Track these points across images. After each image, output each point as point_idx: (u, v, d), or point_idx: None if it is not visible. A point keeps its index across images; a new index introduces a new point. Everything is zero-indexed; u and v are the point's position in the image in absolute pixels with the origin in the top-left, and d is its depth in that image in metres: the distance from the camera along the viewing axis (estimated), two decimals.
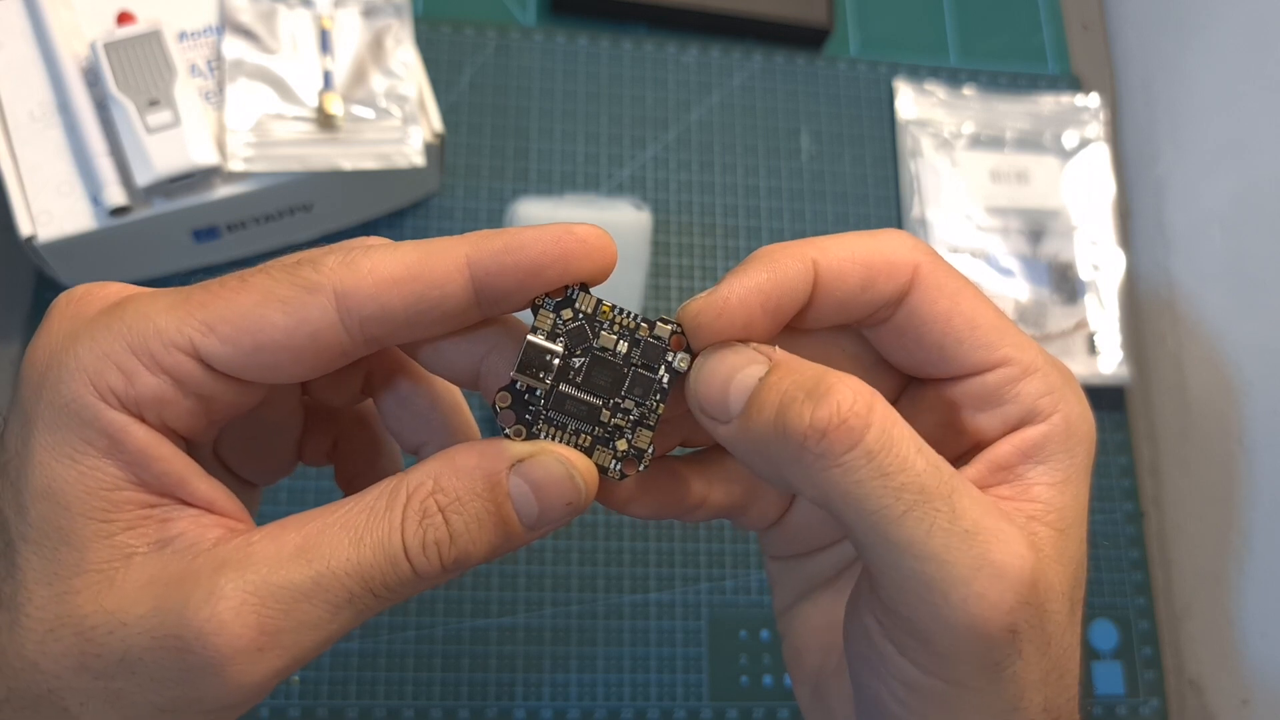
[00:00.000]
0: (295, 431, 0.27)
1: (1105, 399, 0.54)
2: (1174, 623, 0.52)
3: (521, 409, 0.22)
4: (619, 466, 0.23)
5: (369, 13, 0.47)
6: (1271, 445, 0.48)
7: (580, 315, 0.22)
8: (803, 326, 0.23)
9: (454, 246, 0.21)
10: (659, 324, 0.22)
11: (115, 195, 0.42)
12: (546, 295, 0.22)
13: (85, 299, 0.21)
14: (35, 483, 0.20)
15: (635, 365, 0.22)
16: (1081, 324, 0.54)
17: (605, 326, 0.22)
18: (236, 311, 0.20)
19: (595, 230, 0.21)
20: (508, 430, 0.22)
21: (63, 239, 0.42)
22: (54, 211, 0.42)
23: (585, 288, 0.22)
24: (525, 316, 0.23)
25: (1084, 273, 0.55)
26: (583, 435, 0.22)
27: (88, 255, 0.44)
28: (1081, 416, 0.23)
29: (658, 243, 0.53)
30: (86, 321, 0.20)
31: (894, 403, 0.26)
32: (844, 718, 0.25)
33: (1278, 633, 0.47)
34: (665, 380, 0.22)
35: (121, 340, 0.20)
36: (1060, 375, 0.23)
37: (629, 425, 0.22)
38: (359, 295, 0.20)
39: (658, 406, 0.22)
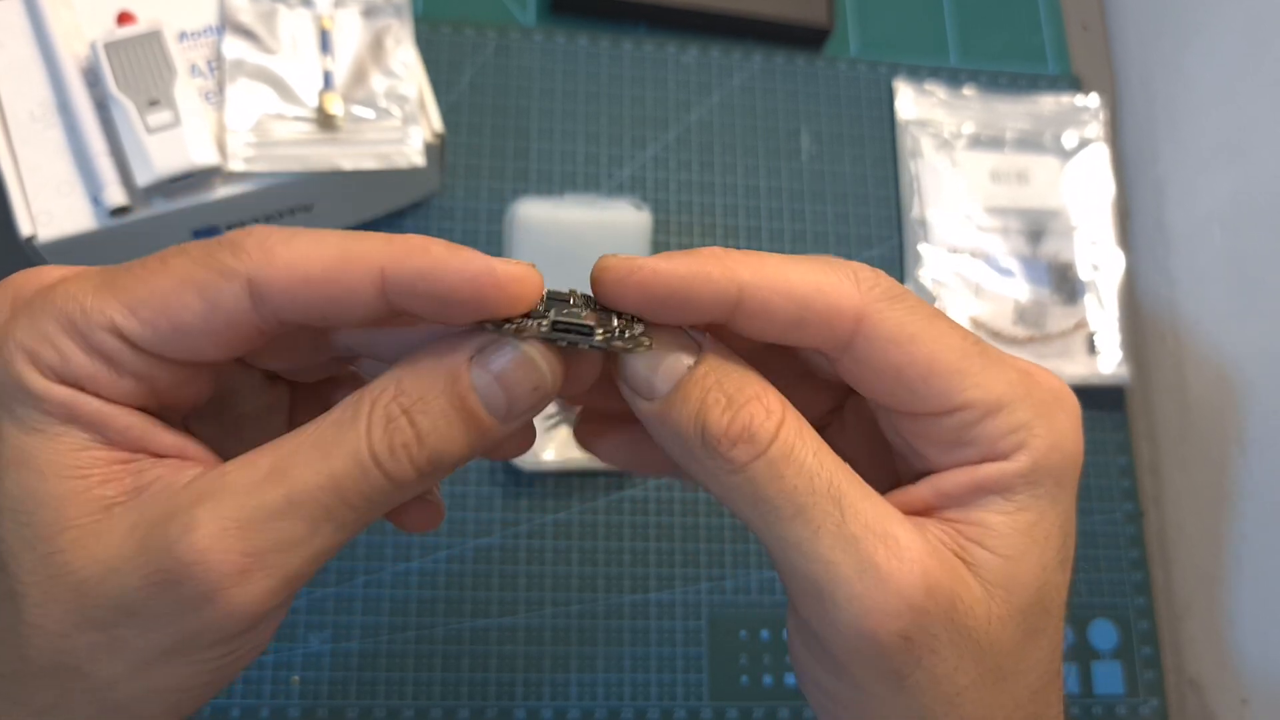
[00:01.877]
0: (281, 413, 0.27)
1: (1105, 399, 0.54)
2: (1174, 622, 0.52)
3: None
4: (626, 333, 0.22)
5: (369, 13, 0.47)
6: (1271, 445, 0.48)
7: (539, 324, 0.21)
8: (734, 331, 0.23)
9: (372, 255, 0.20)
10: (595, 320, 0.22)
11: (115, 195, 0.42)
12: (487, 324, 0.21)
13: (22, 284, 0.22)
14: (3, 455, 0.20)
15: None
16: (1081, 324, 0.54)
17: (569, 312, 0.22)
18: (155, 295, 0.20)
19: (521, 271, 0.20)
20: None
21: (63, 239, 0.42)
22: (54, 211, 0.42)
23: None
24: None
25: (1084, 273, 0.55)
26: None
27: (88, 255, 0.44)
28: (1049, 450, 0.22)
29: (658, 243, 0.53)
30: (24, 303, 0.21)
31: (836, 410, 0.27)
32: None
33: (1277, 632, 0.47)
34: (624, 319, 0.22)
35: (53, 321, 0.20)
36: (1031, 408, 0.22)
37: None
38: (272, 288, 0.20)
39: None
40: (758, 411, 0.21)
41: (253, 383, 0.26)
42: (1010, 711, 0.22)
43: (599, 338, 0.21)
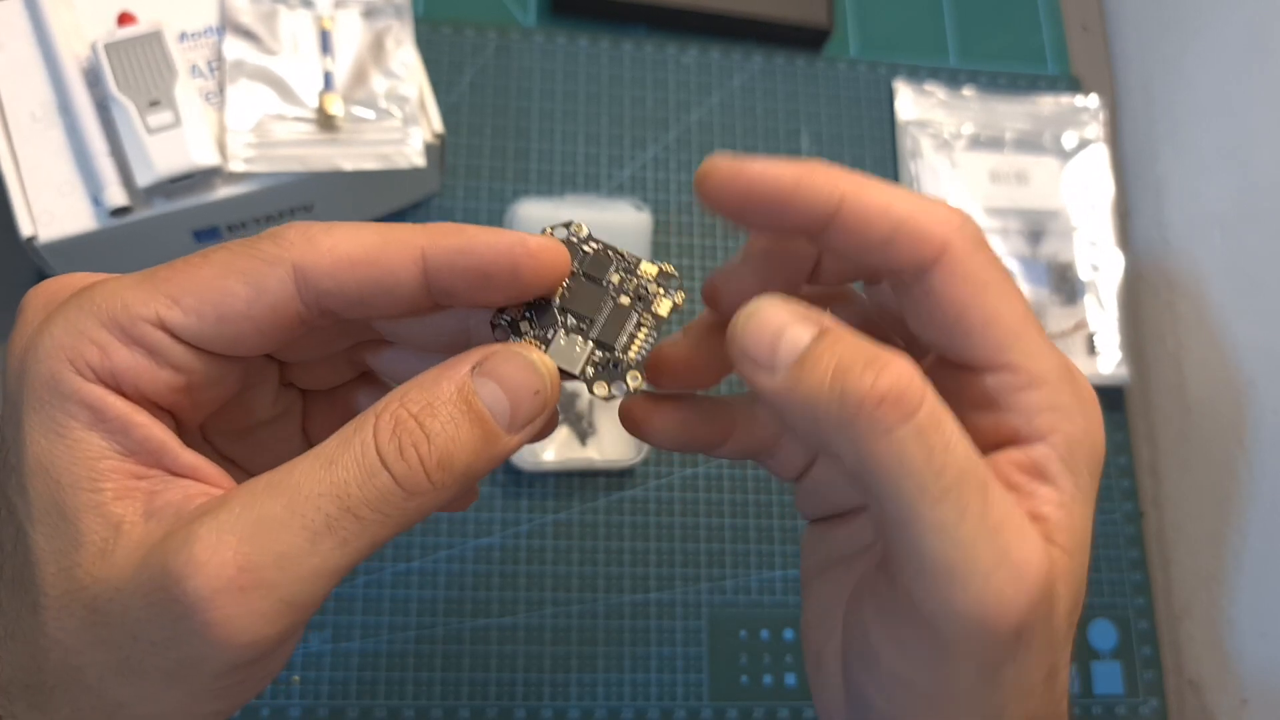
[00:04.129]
0: (295, 420, 0.27)
1: (1105, 399, 0.54)
2: (1173, 623, 0.52)
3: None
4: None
5: (369, 13, 0.47)
6: (1271, 445, 0.48)
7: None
8: (823, 246, 0.24)
9: (412, 238, 0.21)
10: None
11: (116, 196, 0.42)
12: (500, 314, 0.24)
13: (58, 288, 0.22)
14: (29, 461, 0.20)
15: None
16: (1081, 324, 0.54)
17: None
18: (199, 284, 0.21)
19: (549, 243, 0.22)
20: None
21: (64, 239, 0.42)
22: (55, 212, 0.42)
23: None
24: None
25: (1083, 273, 0.55)
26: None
27: (89, 256, 0.44)
28: (1083, 439, 0.22)
29: (658, 243, 0.53)
30: (60, 305, 0.21)
31: None
32: (835, 694, 0.26)
33: (1277, 633, 0.47)
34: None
35: (93, 317, 0.20)
36: (1071, 394, 0.22)
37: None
38: (316, 271, 0.21)
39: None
40: (902, 370, 0.20)
41: (268, 388, 0.26)
42: (1054, 707, 0.22)
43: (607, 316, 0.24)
